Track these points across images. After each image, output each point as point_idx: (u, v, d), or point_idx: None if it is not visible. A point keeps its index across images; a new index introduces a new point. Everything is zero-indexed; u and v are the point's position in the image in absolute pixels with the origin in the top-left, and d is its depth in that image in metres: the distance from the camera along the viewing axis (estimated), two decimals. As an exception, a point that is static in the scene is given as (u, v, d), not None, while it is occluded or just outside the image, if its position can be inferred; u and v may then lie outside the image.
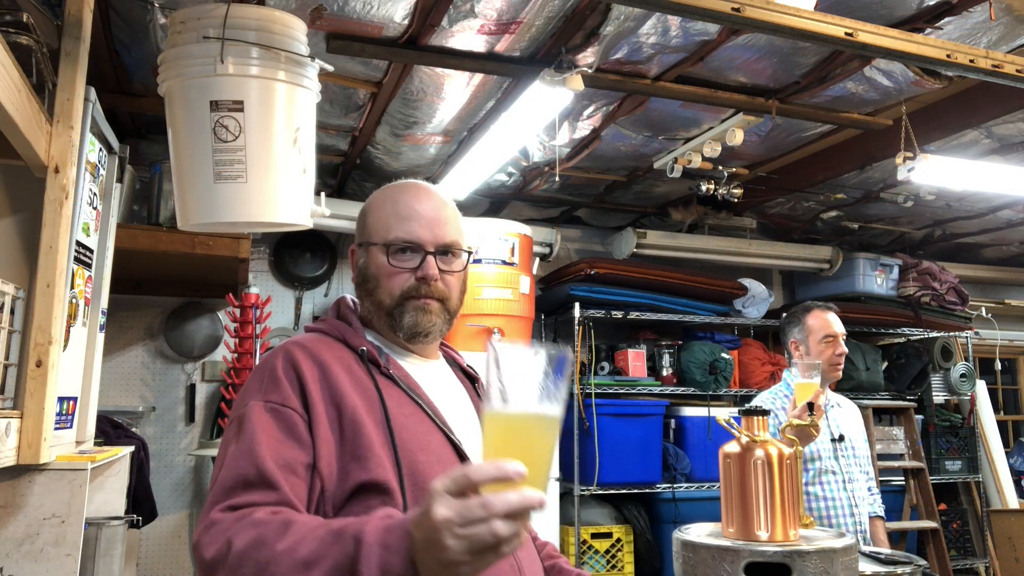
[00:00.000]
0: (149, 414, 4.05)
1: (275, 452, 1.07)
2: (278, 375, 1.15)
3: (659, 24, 2.60)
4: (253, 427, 1.09)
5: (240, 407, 1.15)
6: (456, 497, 0.80)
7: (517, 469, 0.78)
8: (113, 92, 3.13)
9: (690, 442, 4.46)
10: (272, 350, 1.23)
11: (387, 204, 1.32)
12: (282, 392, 1.13)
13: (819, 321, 2.70)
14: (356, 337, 1.26)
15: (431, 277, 1.26)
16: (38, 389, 1.65)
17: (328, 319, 1.33)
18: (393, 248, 1.27)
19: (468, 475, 0.80)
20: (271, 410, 1.11)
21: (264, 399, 1.13)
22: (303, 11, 2.40)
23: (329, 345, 1.23)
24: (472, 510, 0.78)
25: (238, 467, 1.05)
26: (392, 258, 1.27)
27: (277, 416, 1.11)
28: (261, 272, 4.41)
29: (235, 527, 0.97)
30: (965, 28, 2.52)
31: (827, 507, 2.57)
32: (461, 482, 0.80)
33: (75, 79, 1.77)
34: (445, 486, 0.81)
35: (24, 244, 1.81)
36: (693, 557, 1.40)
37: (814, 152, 3.94)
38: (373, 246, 1.30)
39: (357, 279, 1.33)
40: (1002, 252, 5.80)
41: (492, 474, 0.79)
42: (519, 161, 3.91)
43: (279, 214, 1.95)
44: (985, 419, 5.51)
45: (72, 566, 1.69)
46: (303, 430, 1.11)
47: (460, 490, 0.80)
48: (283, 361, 1.17)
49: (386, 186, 1.37)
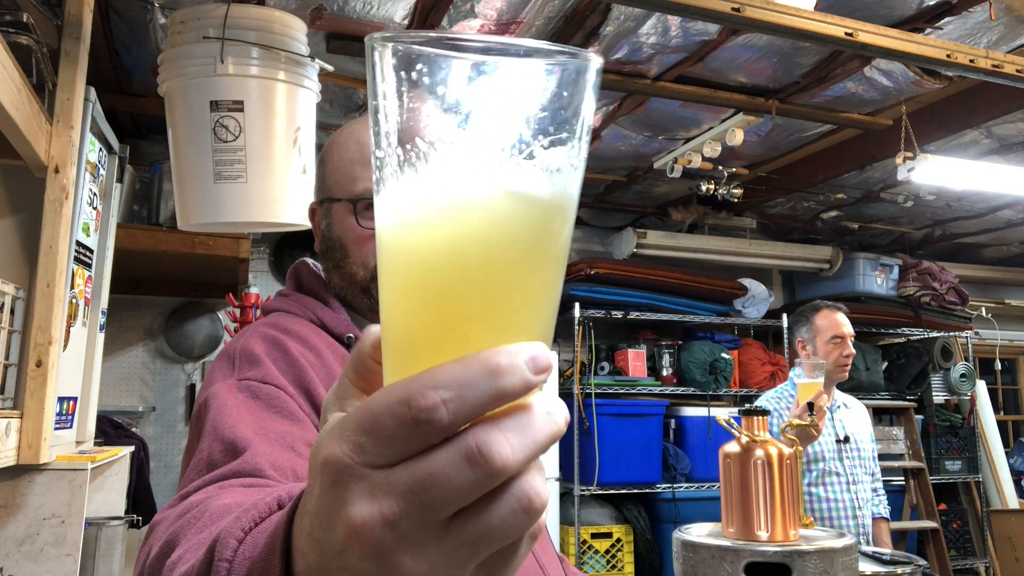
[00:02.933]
0: (149, 414, 4.05)
1: (254, 423, 0.77)
2: (256, 353, 0.88)
3: (659, 24, 2.60)
4: (218, 406, 0.79)
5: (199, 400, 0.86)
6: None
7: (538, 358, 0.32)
8: (113, 92, 3.13)
9: (690, 442, 4.46)
10: (239, 333, 0.97)
11: (350, 145, 1.02)
12: (264, 369, 0.86)
13: (828, 321, 2.69)
14: (336, 319, 1.00)
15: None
16: (38, 389, 1.65)
17: (292, 295, 1.05)
18: (362, 204, 0.99)
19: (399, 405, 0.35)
20: (245, 388, 0.83)
21: (237, 378, 0.85)
22: (303, 11, 2.40)
23: (312, 330, 0.97)
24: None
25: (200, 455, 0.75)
26: (362, 217, 0.98)
27: (254, 394, 0.82)
28: (261, 272, 4.41)
29: (165, 523, 0.62)
30: (965, 28, 2.52)
31: (829, 508, 2.56)
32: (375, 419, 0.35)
33: (75, 79, 1.77)
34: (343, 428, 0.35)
35: (24, 244, 1.81)
36: (693, 557, 1.40)
37: (814, 152, 3.95)
38: (336, 203, 1.02)
39: (320, 247, 1.05)
40: (1002, 252, 5.80)
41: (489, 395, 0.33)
42: (519, 161, 3.90)
43: (279, 214, 1.95)
44: (985, 419, 5.51)
45: (72, 566, 1.69)
46: (295, 407, 0.82)
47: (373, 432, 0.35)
48: (263, 341, 0.91)
49: (351, 122, 1.07)
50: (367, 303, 1.01)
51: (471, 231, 0.33)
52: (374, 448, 0.31)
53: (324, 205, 1.04)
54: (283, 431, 0.77)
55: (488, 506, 0.32)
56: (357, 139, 1.02)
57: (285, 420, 0.80)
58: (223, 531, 0.44)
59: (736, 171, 4.03)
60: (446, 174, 0.33)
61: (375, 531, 0.31)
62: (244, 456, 0.70)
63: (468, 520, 0.31)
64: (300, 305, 1.01)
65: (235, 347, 0.91)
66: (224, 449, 0.72)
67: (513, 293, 0.34)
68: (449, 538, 0.32)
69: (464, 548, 0.32)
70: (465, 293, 0.33)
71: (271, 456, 0.71)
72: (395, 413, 0.31)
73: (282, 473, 0.70)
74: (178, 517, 0.60)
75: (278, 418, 0.79)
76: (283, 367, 0.87)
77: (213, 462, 0.72)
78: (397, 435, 0.31)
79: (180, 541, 0.56)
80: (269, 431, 0.76)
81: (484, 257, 0.33)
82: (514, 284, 0.34)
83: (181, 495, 0.68)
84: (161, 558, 0.57)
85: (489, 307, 0.33)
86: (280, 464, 0.71)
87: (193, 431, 0.83)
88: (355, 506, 0.31)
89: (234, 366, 0.88)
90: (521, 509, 0.32)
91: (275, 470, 0.69)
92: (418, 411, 0.30)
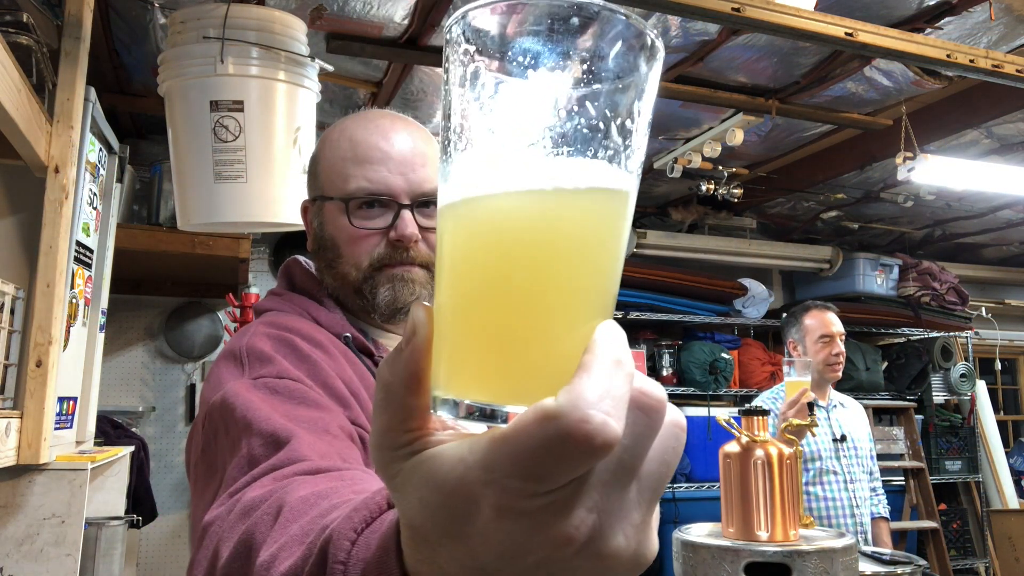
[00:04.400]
0: (149, 414, 4.05)
1: (285, 415, 0.76)
2: (265, 351, 0.86)
3: (659, 24, 2.60)
4: (244, 404, 0.77)
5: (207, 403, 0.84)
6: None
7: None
8: (113, 92, 3.13)
9: (690, 442, 4.46)
10: (237, 334, 0.95)
11: (343, 143, 1.00)
12: (277, 366, 0.84)
13: (816, 321, 2.70)
14: (331, 319, 0.98)
15: (409, 238, 0.95)
16: (38, 389, 1.65)
17: (285, 294, 1.03)
18: (355, 203, 0.97)
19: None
20: (262, 386, 0.81)
21: (251, 377, 0.83)
22: (303, 11, 2.40)
23: (312, 327, 0.95)
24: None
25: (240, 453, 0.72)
26: (354, 217, 0.97)
27: (273, 390, 0.81)
28: (261, 272, 4.41)
29: (226, 523, 0.62)
30: (965, 28, 2.52)
31: (827, 507, 2.56)
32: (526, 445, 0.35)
33: (75, 79, 1.77)
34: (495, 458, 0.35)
35: (24, 244, 1.81)
36: (693, 557, 1.40)
37: (814, 152, 3.95)
38: (328, 201, 0.99)
39: (313, 245, 1.03)
40: (1002, 252, 5.80)
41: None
42: (519, 161, 3.90)
43: (279, 214, 1.95)
44: (985, 419, 5.51)
45: (72, 566, 1.69)
46: (316, 396, 0.81)
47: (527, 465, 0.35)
48: (269, 339, 0.89)
49: (344, 118, 1.05)
50: (359, 303, 0.99)
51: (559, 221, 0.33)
52: (547, 486, 0.30)
53: (316, 203, 1.02)
54: (313, 418, 0.76)
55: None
56: (350, 136, 0.99)
57: (311, 409, 0.78)
58: (334, 531, 0.44)
59: (736, 171, 4.03)
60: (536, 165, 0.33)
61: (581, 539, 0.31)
62: (290, 446, 0.69)
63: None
64: (294, 304, 1.00)
65: (239, 347, 0.89)
66: (265, 443, 0.71)
67: (595, 276, 0.35)
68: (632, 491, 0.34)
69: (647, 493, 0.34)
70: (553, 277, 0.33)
71: (314, 445, 0.70)
72: (561, 454, 0.29)
73: (328, 459, 0.69)
74: (243, 515, 0.59)
75: (303, 408, 0.78)
76: (295, 362, 0.85)
77: (255, 456, 0.70)
78: (572, 470, 0.30)
79: (263, 540, 0.54)
80: (300, 420, 0.75)
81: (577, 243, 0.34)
82: (595, 268, 0.35)
83: (230, 493, 0.66)
84: (244, 559, 0.56)
85: (578, 289, 0.34)
86: (325, 452, 0.70)
87: (211, 433, 0.80)
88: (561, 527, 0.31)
89: (243, 366, 0.85)
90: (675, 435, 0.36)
91: (321, 458, 0.68)
92: (590, 439, 0.29)
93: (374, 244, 0.97)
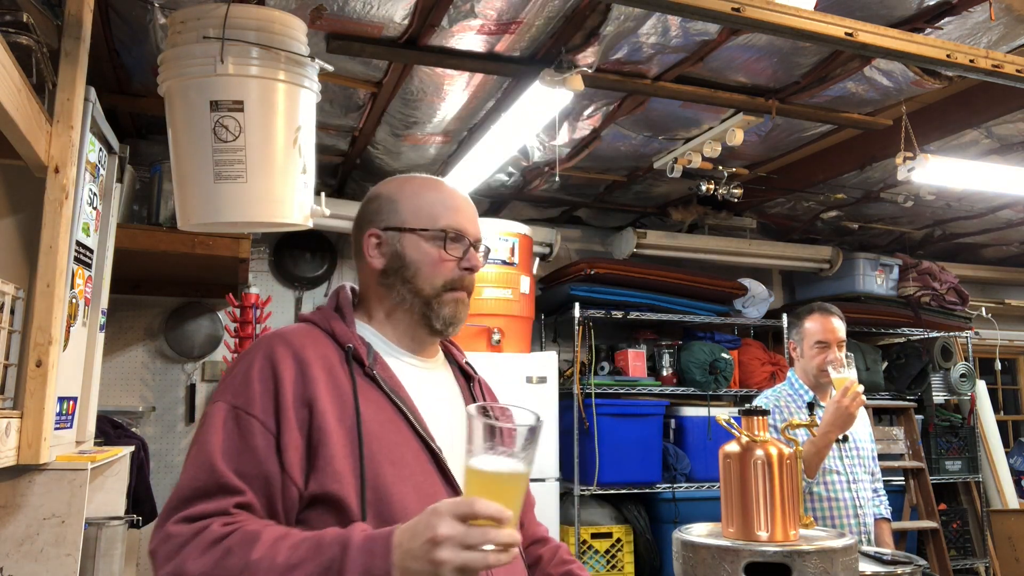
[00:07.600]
0: (149, 414, 4.06)
1: (234, 461, 1.07)
2: (252, 376, 1.14)
3: (659, 24, 2.60)
4: (214, 432, 1.09)
5: (212, 401, 1.15)
6: (457, 520, 0.91)
7: (508, 514, 0.92)
8: (113, 92, 3.13)
9: (690, 442, 4.46)
10: (258, 339, 1.21)
11: (428, 193, 1.31)
12: (250, 395, 1.12)
13: (815, 325, 2.68)
14: (345, 332, 1.22)
15: (477, 267, 1.29)
16: (38, 389, 1.65)
17: (324, 309, 1.30)
18: (448, 236, 1.27)
19: (473, 506, 0.91)
20: (235, 416, 1.11)
21: (232, 401, 1.12)
22: (303, 11, 2.40)
23: (315, 340, 1.20)
24: (474, 535, 0.90)
25: (195, 476, 1.06)
26: (446, 246, 1.27)
27: (239, 423, 1.10)
28: (261, 272, 4.41)
29: (189, 546, 1.00)
30: (965, 28, 2.52)
31: (830, 507, 2.56)
32: (464, 509, 0.91)
33: (75, 79, 1.77)
34: (448, 508, 0.92)
35: (24, 244, 1.81)
36: (693, 557, 1.40)
37: (814, 152, 3.95)
38: (414, 232, 1.27)
39: (385, 265, 1.28)
40: (1002, 252, 5.80)
41: (492, 512, 0.91)
42: (519, 161, 3.90)
43: (279, 214, 1.95)
44: (985, 419, 5.52)
45: (72, 566, 1.69)
46: (263, 440, 1.09)
47: (462, 516, 0.91)
48: (262, 359, 1.15)
49: (406, 177, 1.35)
50: (423, 312, 1.27)
51: (506, 480, 0.96)
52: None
53: (396, 231, 1.28)
54: (252, 469, 1.08)
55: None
56: (433, 187, 1.32)
57: (253, 457, 1.09)
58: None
59: (736, 171, 4.03)
60: (501, 464, 0.95)
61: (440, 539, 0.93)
62: (240, 497, 1.06)
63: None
64: (322, 316, 1.26)
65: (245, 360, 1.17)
66: (216, 484, 1.06)
67: (518, 504, 0.97)
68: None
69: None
70: (504, 501, 0.94)
71: (253, 494, 1.07)
72: (459, 515, 0.92)
73: (260, 506, 1.07)
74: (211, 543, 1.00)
75: (248, 454, 1.09)
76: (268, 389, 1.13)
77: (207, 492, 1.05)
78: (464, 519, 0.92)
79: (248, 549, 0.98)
80: (246, 472, 1.07)
81: (513, 489, 0.97)
82: (519, 501, 0.97)
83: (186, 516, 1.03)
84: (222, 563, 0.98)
85: (511, 499, 0.95)
86: (259, 502, 1.07)
87: (201, 426, 1.13)
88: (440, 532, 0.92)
89: (235, 383, 1.14)
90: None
91: (259, 506, 1.07)
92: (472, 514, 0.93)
93: (450, 269, 1.27)
